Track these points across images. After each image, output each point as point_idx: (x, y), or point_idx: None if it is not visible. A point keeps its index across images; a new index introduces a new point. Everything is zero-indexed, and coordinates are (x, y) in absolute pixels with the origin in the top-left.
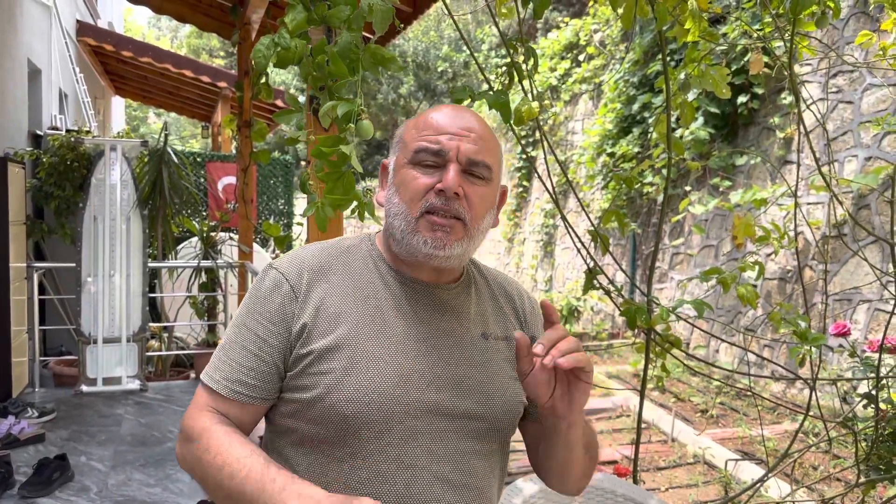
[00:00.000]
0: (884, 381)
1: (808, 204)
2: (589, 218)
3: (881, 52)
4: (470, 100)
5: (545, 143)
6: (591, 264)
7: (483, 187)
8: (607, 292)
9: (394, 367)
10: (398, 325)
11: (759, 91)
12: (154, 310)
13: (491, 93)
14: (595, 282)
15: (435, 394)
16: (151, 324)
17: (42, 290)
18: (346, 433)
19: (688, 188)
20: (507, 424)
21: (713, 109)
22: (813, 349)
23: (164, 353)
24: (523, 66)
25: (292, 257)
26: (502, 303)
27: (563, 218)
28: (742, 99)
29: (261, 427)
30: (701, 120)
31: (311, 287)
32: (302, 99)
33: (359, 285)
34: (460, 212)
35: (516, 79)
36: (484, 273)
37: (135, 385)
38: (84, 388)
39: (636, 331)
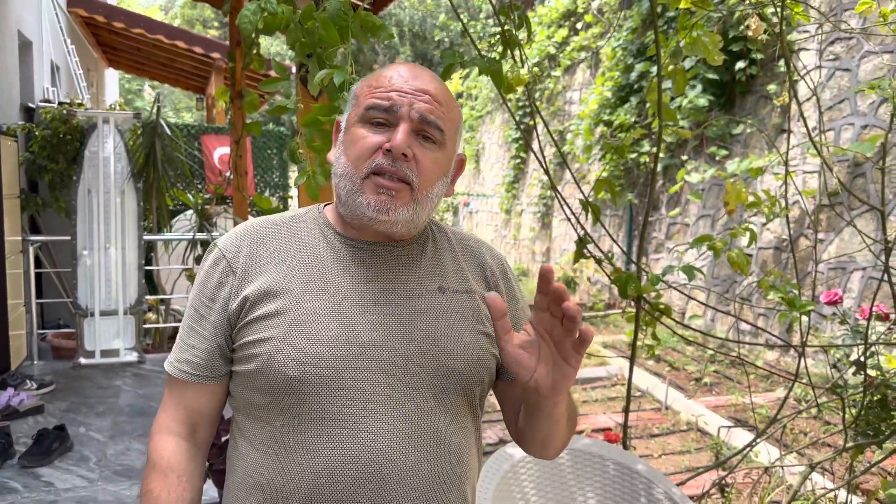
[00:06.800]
0: (872, 349)
1: (806, 172)
2: (580, 189)
3: (882, 19)
4: (460, 65)
5: (537, 117)
6: (582, 234)
7: (435, 151)
8: (598, 261)
9: (338, 325)
10: (343, 283)
11: (758, 57)
12: (150, 282)
13: (482, 59)
14: (586, 251)
15: (385, 350)
16: (148, 296)
17: (38, 264)
18: (294, 397)
19: (685, 158)
20: (472, 379)
21: (711, 76)
22: (802, 316)
23: (161, 325)
24: (516, 34)
25: (235, 232)
26: (463, 258)
27: (554, 188)
28: (741, 65)
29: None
30: (699, 87)
31: (251, 259)
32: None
33: (300, 250)
34: (408, 174)
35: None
36: (447, 231)
37: (132, 357)
38: (82, 360)
39: (628, 299)
